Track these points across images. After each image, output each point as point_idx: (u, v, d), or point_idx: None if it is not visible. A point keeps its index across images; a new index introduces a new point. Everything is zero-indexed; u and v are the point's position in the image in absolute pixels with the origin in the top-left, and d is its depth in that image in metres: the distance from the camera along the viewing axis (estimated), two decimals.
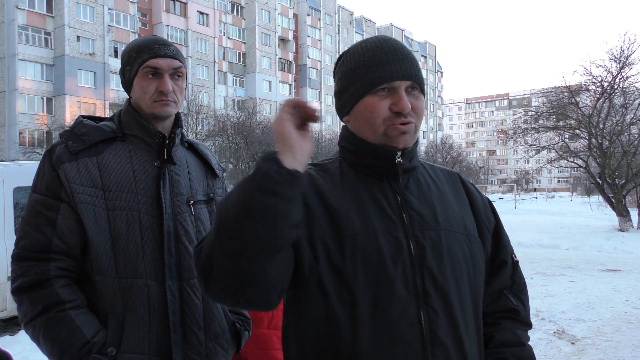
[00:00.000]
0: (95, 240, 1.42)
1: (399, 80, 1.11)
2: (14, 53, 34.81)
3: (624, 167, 18.59)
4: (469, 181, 1.33)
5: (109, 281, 1.42)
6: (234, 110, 43.91)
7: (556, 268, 9.84)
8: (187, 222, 1.54)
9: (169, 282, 1.47)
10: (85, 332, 1.37)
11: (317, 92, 58.69)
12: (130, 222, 1.45)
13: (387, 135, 1.12)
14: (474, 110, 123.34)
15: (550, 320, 5.97)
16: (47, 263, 1.40)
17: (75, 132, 1.50)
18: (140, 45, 1.54)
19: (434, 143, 64.12)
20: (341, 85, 1.18)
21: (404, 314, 1.05)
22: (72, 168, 1.44)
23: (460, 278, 1.13)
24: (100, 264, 1.42)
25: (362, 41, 1.20)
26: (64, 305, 1.38)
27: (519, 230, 16.28)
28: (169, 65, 1.52)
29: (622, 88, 18.98)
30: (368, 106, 1.12)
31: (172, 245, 1.49)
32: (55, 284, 1.39)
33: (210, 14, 47.13)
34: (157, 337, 1.45)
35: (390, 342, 1.04)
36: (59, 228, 1.41)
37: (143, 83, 1.52)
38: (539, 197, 61.33)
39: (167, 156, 1.55)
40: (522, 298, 1.30)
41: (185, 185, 1.59)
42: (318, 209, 1.09)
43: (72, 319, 1.37)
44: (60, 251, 1.41)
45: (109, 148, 1.50)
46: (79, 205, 1.42)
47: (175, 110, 1.58)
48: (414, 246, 1.09)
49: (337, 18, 61.89)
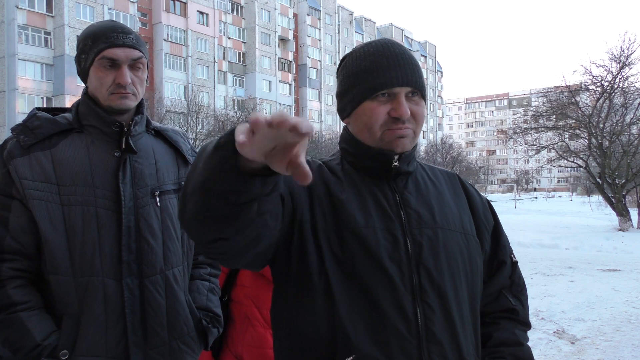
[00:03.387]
0: (48, 237, 1.35)
1: (399, 86, 1.12)
2: (13, 53, 34.79)
3: (624, 166, 18.59)
4: (468, 182, 1.34)
5: (64, 280, 1.36)
6: (234, 110, 43.91)
7: (556, 268, 9.84)
8: (150, 215, 1.46)
9: (127, 279, 1.40)
10: (36, 335, 1.31)
11: (317, 91, 58.64)
12: (87, 218, 1.38)
13: (384, 140, 1.13)
14: (474, 110, 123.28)
15: (550, 320, 5.97)
16: (0, 264, 1.34)
17: (27, 125, 1.42)
18: (97, 32, 1.44)
19: (434, 143, 64.10)
20: (342, 87, 1.20)
21: (400, 310, 1.06)
22: (23, 163, 1.36)
23: (457, 275, 1.14)
24: (55, 262, 1.35)
25: (365, 44, 1.20)
26: (15, 307, 1.32)
27: (518, 230, 16.27)
28: (127, 56, 1.43)
29: (622, 88, 19.01)
30: (367, 111, 1.13)
31: (133, 241, 1.42)
32: (7, 286, 1.33)
33: (210, 14, 47.10)
34: (115, 338, 1.39)
35: (386, 337, 1.05)
36: (11, 227, 1.35)
37: (99, 74, 1.43)
38: (538, 197, 61.29)
39: (126, 145, 1.46)
40: (521, 298, 1.31)
41: (151, 174, 1.50)
42: (324, 198, 1.11)
43: (23, 322, 1.31)
44: (14, 251, 1.35)
45: (64, 140, 1.42)
46: (30, 202, 1.35)
47: (135, 103, 1.49)
48: (410, 243, 1.11)
49: (337, 18, 61.84)
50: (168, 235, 1.51)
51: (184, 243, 1.58)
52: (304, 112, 56.82)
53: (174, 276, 1.51)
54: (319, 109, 58.36)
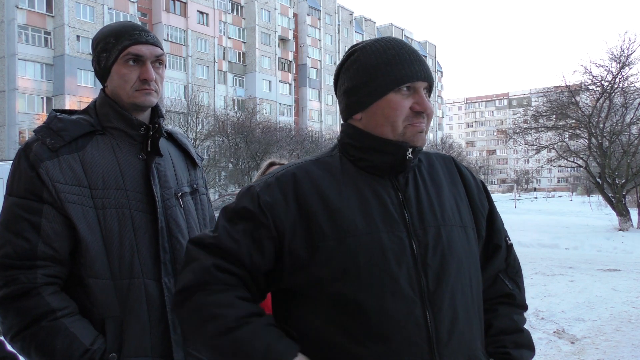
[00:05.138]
0: (88, 241, 1.33)
1: (421, 80, 1.13)
2: (13, 52, 34.78)
3: (624, 166, 18.59)
4: (462, 165, 1.32)
5: (103, 284, 1.34)
6: (234, 110, 43.86)
7: (556, 268, 9.84)
8: (177, 215, 1.49)
9: (165, 279, 1.41)
10: (84, 340, 1.29)
11: (317, 91, 58.61)
12: (122, 220, 1.38)
13: (406, 135, 1.13)
14: (474, 109, 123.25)
15: (550, 320, 5.97)
16: (34, 271, 1.29)
17: (51, 127, 1.39)
18: (119, 30, 1.44)
19: (434, 142, 64.01)
20: (356, 81, 1.15)
21: (409, 315, 1.05)
22: (54, 166, 1.33)
23: (462, 272, 1.13)
24: (94, 266, 1.34)
25: (376, 39, 1.19)
26: (56, 313, 1.28)
27: (518, 230, 16.26)
28: (152, 53, 1.44)
29: (622, 88, 18.99)
30: (392, 104, 1.12)
31: (166, 241, 1.44)
32: (43, 293, 1.29)
33: (210, 14, 47.09)
34: (158, 338, 1.40)
35: (396, 344, 1.03)
36: (44, 232, 1.31)
37: (124, 70, 1.42)
38: (538, 197, 61.26)
39: (152, 148, 1.46)
40: (517, 281, 1.31)
41: (172, 177, 1.52)
42: (318, 210, 1.09)
43: (67, 328, 1.28)
44: (47, 257, 1.31)
45: (90, 143, 1.40)
46: (66, 206, 1.32)
47: (157, 100, 1.49)
48: (416, 245, 1.09)
49: (337, 18, 61.81)
50: (193, 234, 1.53)
51: None
52: (304, 112, 56.82)
53: None
54: (319, 109, 58.33)
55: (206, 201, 1.68)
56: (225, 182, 33.05)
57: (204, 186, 1.70)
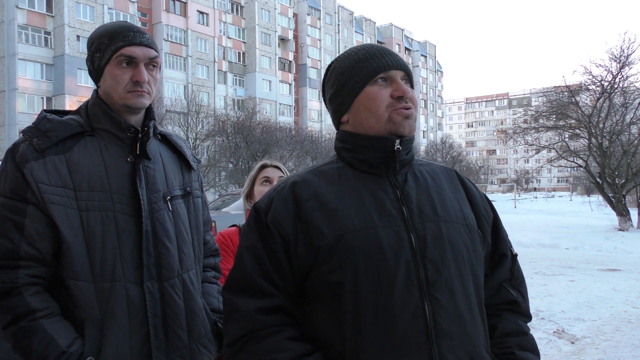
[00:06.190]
0: (70, 243, 1.32)
1: (395, 69, 1.17)
2: (13, 52, 34.79)
3: (624, 166, 18.59)
4: (466, 177, 1.35)
5: (84, 286, 1.33)
6: (234, 110, 43.87)
7: (556, 267, 9.84)
8: (165, 219, 1.47)
9: (147, 283, 1.39)
10: (60, 342, 1.27)
11: (317, 91, 58.59)
12: (106, 223, 1.36)
13: (392, 121, 1.15)
14: (474, 109, 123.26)
15: (550, 320, 5.97)
16: (16, 270, 1.29)
17: (39, 128, 1.38)
18: (113, 31, 1.42)
19: (434, 143, 64.09)
20: (337, 86, 1.22)
21: (407, 307, 1.06)
22: (38, 167, 1.32)
23: (463, 267, 1.14)
24: (76, 268, 1.33)
25: (349, 49, 1.27)
26: (35, 314, 1.28)
27: (518, 230, 16.26)
28: (145, 55, 1.43)
29: (622, 87, 18.99)
30: (370, 95, 1.16)
31: (151, 245, 1.42)
32: (24, 292, 1.29)
33: (210, 14, 47.10)
34: (139, 343, 1.38)
35: (394, 335, 1.05)
36: (27, 232, 1.30)
37: (116, 72, 1.41)
38: (538, 197, 61.30)
39: (140, 151, 1.45)
40: (521, 290, 1.32)
41: (161, 180, 1.50)
42: (316, 213, 1.11)
43: (45, 329, 1.27)
44: (30, 257, 1.31)
45: (78, 144, 1.39)
46: (49, 207, 1.31)
47: (149, 102, 1.48)
48: (414, 238, 1.11)
49: (337, 18, 61.83)
50: (182, 239, 1.51)
51: (195, 247, 1.58)
52: (304, 112, 56.85)
53: (189, 279, 1.52)
54: (319, 109, 58.36)
55: (201, 204, 1.66)
56: (225, 182, 33.06)
57: (199, 189, 1.67)
